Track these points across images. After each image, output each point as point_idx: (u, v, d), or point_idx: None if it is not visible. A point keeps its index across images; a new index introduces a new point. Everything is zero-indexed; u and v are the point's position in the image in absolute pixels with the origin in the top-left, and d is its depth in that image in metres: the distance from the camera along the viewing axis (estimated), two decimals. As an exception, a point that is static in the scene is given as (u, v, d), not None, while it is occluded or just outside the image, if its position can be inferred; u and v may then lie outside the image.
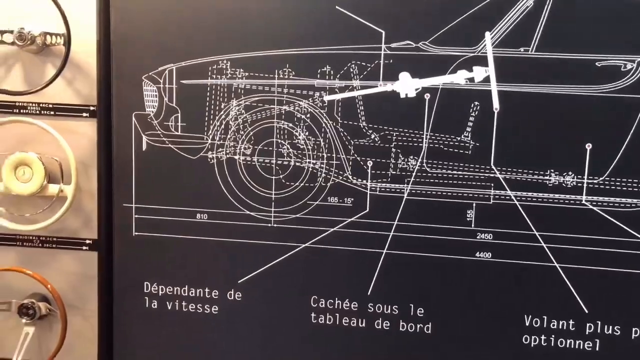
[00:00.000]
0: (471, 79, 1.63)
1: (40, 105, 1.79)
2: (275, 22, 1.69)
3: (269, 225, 1.74)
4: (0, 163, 1.77)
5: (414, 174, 1.67)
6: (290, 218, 1.73)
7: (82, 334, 1.86)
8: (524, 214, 1.62)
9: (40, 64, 1.78)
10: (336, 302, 1.74)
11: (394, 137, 1.67)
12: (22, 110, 1.79)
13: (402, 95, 1.66)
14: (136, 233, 1.80)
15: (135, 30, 1.73)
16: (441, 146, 1.66)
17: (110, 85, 1.77)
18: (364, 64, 1.67)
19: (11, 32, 1.71)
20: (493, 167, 1.64)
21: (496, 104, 1.62)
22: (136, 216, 1.79)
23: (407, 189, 1.68)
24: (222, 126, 1.74)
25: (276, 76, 1.70)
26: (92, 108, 1.78)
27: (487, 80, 1.62)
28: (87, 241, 1.83)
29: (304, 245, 1.72)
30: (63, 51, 1.73)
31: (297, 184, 1.73)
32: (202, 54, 1.72)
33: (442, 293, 1.69)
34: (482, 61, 1.61)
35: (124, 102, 1.76)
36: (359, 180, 1.70)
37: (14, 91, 1.75)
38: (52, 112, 1.79)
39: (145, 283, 1.80)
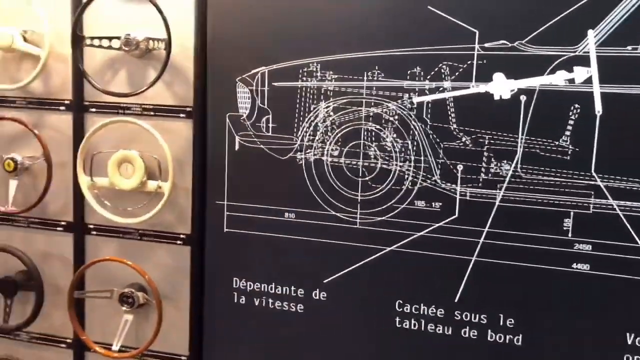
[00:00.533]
0: (571, 80, 1.54)
1: (142, 106, 1.89)
2: (364, 24, 1.68)
3: (355, 226, 1.74)
4: (106, 160, 1.89)
5: (507, 179, 1.61)
6: (376, 220, 1.72)
7: (175, 323, 1.95)
8: (627, 225, 1.51)
9: (143, 67, 1.89)
10: (422, 307, 1.71)
11: (487, 141, 1.62)
12: (126, 111, 1.91)
13: (496, 97, 1.60)
14: (227, 230, 1.86)
15: (230, 35, 1.79)
16: (537, 151, 1.58)
17: (206, 87, 1.85)
18: (456, 64, 1.63)
19: (118, 38, 1.83)
20: (594, 174, 1.54)
21: (599, 107, 1.52)
22: (227, 213, 1.86)
23: (499, 195, 1.61)
24: (311, 128, 1.76)
25: (365, 78, 1.70)
26: (188, 109, 1.86)
27: (589, 81, 1.52)
28: (181, 236, 1.92)
29: (389, 249, 1.71)
30: (163, 55, 1.83)
31: (384, 186, 1.71)
32: (293, 56, 1.75)
33: (534, 304, 1.61)
34: (583, 61, 1.52)
35: (218, 103, 1.83)
36: (448, 184, 1.65)
37: (120, 93, 1.86)
38: (152, 113, 1.89)
39: (234, 279, 1.86)
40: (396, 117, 1.68)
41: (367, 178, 1.72)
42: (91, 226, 2.00)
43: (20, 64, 1.98)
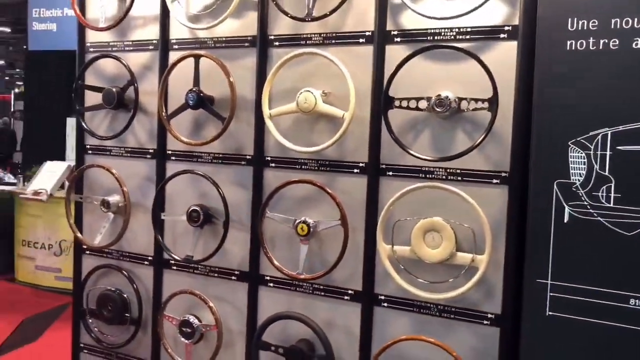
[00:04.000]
0: None
1: (448, 170, 1.75)
2: None
3: None
4: (406, 226, 1.77)
5: None
6: None
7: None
8: None
9: (450, 128, 1.74)
10: None
11: None
12: (427, 175, 1.78)
13: None
14: (550, 313, 1.62)
15: (562, 91, 1.59)
16: None
17: (527, 150, 1.66)
18: None
19: (423, 98, 1.72)
20: None
21: None
22: (551, 294, 1.62)
23: None
24: (670, 199, 1.49)
25: None
26: (504, 174, 1.68)
27: None
28: (489, 315, 1.71)
29: None
30: (474, 116, 1.68)
31: None
32: (646, 116, 1.51)
33: None
34: None
35: (543, 169, 1.63)
36: None
37: (424, 157, 1.73)
38: (459, 178, 1.74)
39: (563, 373, 1.61)
40: None
41: None
42: (382, 297, 1.86)
43: (314, 124, 1.95)
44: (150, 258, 2.27)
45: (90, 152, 2.39)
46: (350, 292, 1.91)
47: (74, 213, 2.39)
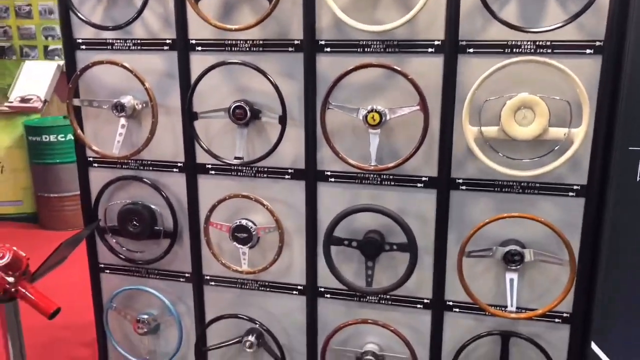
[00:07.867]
0: None
1: (536, 43, 1.65)
2: None
3: None
4: (494, 107, 1.68)
5: None
6: None
7: (559, 280, 1.80)
8: None
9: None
10: None
11: None
12: (514, 50, 1.67)
13: None
14: (640, 179, 1.67)
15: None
16: None
17: (626, 19, 1.59)
18: None
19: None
20: None
21: None
22: (645, 160, 1.66)
23: None
24: None
25: None
26: (598, 44, 1.61)
27: None
28: (575, 187, 1.73)
29: None
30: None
31: None
32: None
33: None
34: None
35: (638, 37, 1.59)
36: None
37: (511, 24, 1.61)
38: (548, 50, 1.64)
39: (653, 235, 1.69)
40: None
41: None
42: (459, 181, 1.81)
43: (376, 2, 1.74)
44: (180, 165, 2.02)
45: (83, 47, 1.99)
46: (424, 178, 1.83)
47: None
